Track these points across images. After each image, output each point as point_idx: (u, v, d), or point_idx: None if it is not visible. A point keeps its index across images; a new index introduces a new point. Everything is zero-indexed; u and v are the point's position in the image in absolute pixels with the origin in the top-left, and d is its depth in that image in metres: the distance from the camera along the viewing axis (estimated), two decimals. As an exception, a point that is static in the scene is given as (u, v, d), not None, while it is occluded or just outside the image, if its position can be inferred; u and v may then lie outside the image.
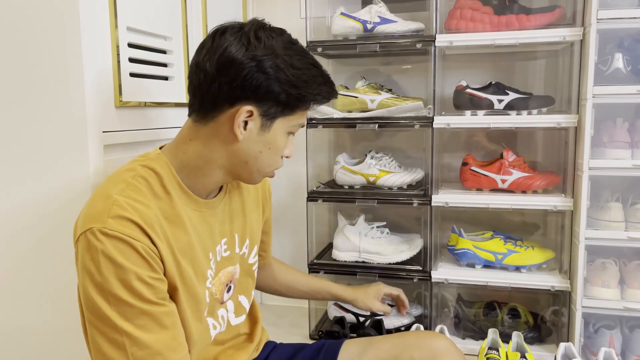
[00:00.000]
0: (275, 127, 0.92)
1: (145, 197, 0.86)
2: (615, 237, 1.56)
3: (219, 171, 0.95)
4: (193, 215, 0.93)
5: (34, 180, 1.13)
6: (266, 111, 0.89)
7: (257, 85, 0.87)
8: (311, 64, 0.92)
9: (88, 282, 0.81)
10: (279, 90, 0.88)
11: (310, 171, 1.88)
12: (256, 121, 0.90)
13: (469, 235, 1.79)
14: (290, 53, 0.90)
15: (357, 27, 1.76)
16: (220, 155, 0.92)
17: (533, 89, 1.78)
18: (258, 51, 0.87)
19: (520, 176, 1.71)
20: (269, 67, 0.87)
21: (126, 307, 0.80)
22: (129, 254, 0.80)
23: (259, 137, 0.91)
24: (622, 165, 1.54)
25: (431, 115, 1.69)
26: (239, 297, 1.08)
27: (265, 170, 0.97)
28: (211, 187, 0.98)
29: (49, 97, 1.09)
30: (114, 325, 0.80)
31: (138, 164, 0.91)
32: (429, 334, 1.16)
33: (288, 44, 0.91)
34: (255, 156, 0.93)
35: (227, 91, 0.88)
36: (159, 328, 0.83)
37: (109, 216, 0.81)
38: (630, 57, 1.55)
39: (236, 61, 0.87)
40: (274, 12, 2.05)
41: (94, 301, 0.80)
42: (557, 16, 1.64)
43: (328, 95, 0.95)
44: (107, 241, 0.79)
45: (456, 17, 1.69)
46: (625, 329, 1.63)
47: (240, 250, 1.07)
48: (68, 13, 1.05)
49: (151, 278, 0.82)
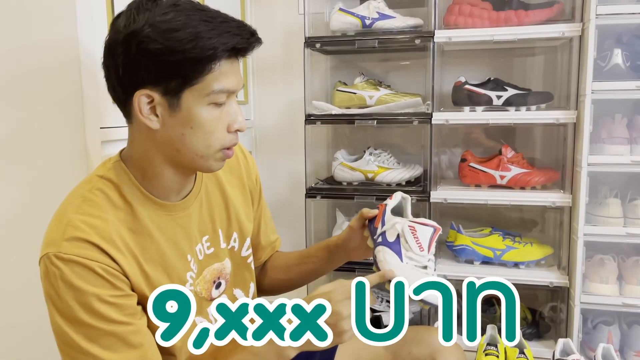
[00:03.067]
0: (187, 103, 0.81)
1: (103, 210, 0.82)
2: (613, 233, 1.56)
3: (166, 167, 0.87)
4: (161, 221, 0.89)
5: (31, 177, 1.12)
6: (166, 89, 0.80)
7: (138, 65, 0.78)
8: (201, 20, 0.79)
9: (51, 308, 0.79)
10: (164, 62, 0.78)
11: (308, 168, 1.87)
12: (162, 103, 0.81)
13: (468, 232, 1.79)
14: (170, 17, 0.78)
15: (355, 23, 1.76)
16: (153, 151, 0.86)
17: (532, 85, 1.78)
18: (132, 27, 0.78)
19: (518, 172, 1.71)
20: (144, 42, 0.77)
21: (90, 330, 0.77)
22: (87, 277, 0.77)
23: (173, 118, 0.82)
24: (620, 161, 1.54)
25: (430, 112, 1.68)
26: (234, 291, 1.06)
27: (207, 152, 0.85)
28: (173, 187, 0.90)
29: (46, 93, 1.09)
30: (80, 349, 0.77)
31: (95, 175, 0.87)
32: (428, 329, 1.16)
33: (170, 7, 0.79)
34: (181, 140, 0.83)
35: (118, 83, 0.82)
36: (126, 347, 0.80)
37: (63, 239, 0.78)
38: (629, 53, 1.55)
39: (113, 47, 0.80)
40: (272, 9, 2.04)
41: (59, 326, 0.78)
42: (555, 12, 1.64)
43: (231, 45, 0.80)
44: (63, 266, 0.76)
45: (455, 13, 1.68)
46: (623, 324, 1.63)
47: (228, 245, 1.03)
48: (65, 8, 1.05)
49: (114, 297, 0.79)
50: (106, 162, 0.90)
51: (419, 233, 0.93)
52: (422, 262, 0.93)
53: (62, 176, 1.10)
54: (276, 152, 2.12)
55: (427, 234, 0.93)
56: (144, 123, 0.82)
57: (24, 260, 1.15)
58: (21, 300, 1.17)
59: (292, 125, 2.09)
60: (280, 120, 2.11)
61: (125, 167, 0.88)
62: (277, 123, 2.12)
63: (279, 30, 2.05)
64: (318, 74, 1.99)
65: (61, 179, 1.10)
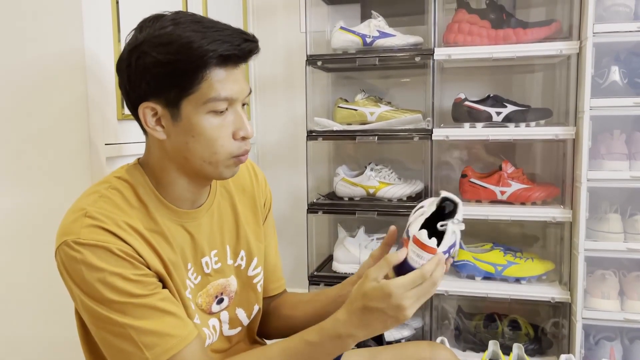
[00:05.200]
0: (186, 112, 0.84)
1: (119, 207, 0.85)
2: (614, 249, 1.56)
3: (179, 175, 0.91)
4: (171, 226, 0.92)
5: (35, 192, 1.13)
6: (167, 100, 0.84)
7: (140, 79, 0.83)
8: (195, 30, 0.81)
9: (78, 293, 0.82)
10: (160, 74, 0.82)
11: (310, 183, 1.88)
12: (164, 115, 0.85)
13: (469, 247, 1.79)
14: (167, 30, 0.81)
15: (356, 41, 1.78)
16: (166, 160, 0.90)
17: (531, 102, 1.80)
18: (135, 43, 0.83)
19: (519, 188, 1.72)
20: (142, 56, 0.81)
21: (120, 305, 0.80)
22: (108, 258, 0.80)
23: (176, 128, 0.85)
24: (620, 177, 1.55)
25: (430, 128, 1.70)
26: (236, 310, 1.05)
27: (215, 159, 0.87)
28: (188, 196, 0.94)
29: (52, 110, 1.11)
30: (116, 322, 0.80)
31: (113, 176, 0.91)
32: (430, 344, 1.15)
33: (169, 21, 0.83)
34: (186, 149, 0.86)
35: (127, 97, 0.87)
36: (160, 314, 0.83)
37: (80, 227, 0.81)
38: (627, 70, 1.57)
39: (119, 64, 0.86)
40: (275, 27, 2.08)
41: (90, 307, 0.81)
42: (553, 30, 1.66)
43: (219, 52, 0.81)
44: (84, 250, 0.79)
45: (454, 31, 1.71)
46: (625, 340, 1.62)
47: (235, 262, 1.04)
48: (72, 28, 1.07)
49: (136, 275, 0.82)
50: (124, 166, 0.94)
51: None
52: None
53: (66, 192, 1.11)
54: (278, 167, 2.14)
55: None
56: (152, 134, 0.87)
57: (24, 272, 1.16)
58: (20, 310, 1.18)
59: (294, 141, 2.11)
60: (282, 136, 2.13)
61: (142, 170, 0.91)
62: (279, 139, 2.13)
63: (281, 48, 2.08)
64: (319, 91, 2.01)
65: (65, 194, 1.11)
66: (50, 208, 1.13)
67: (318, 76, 1.98)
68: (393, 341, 1.74)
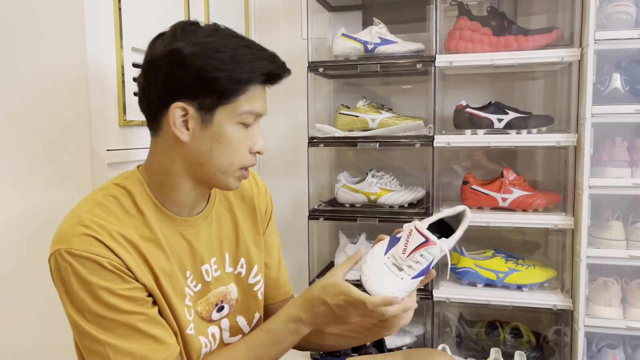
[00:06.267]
0: (218, 119, 0.86)
1: (114, 216, 0.85)
2: (616, 256, 1.56)
3: (185, 181, 0.91)
4: (169, 233, 0.91)
5: (37, 198, 1.14)
6: (201, 104, 0.85)
7: (179, 79, 0.84)
8: (241, 45, 0.86)
9: (65, 301, 0.82)
10: (204, 79, 0.83)
11: (311, 189, 1.88)
12: (195, 117, 0.86)
13: (470, 254, 1.79)
14: (213, 39, 0.85)
15: (358, 48, 1.79)
16: (177, 163, 0.90)
17: (532, 109, 1.80)
18: (176, 45, 0.84)
19: (520, 195, 1.72)
20: (187, 58, 0.83)
21: (103, 320, 0.81)
22: (98, 271, 0.80)
23: (204, 133, 0.86)
24: (621, 184, 1.54)
25: (431, 134, 1.70)
26: (237, 318, 1.05)
27: (229, 169, 0.90)
28: (188, 202, 0.94)
29: (54, 116, 1.11)
30: (95, 339, 0.81)
31: (111, 183, 0.91)
32: (432, 351, 1.15)
33: (212, 31, 0.87)
34: (208, 155, 0.88)
35: (155, 95, 0.87)
36: (139, 336, 0.83)
37: (73, 236, 0.81)
38: (628, 77, 1.57)
39: (155, 61, 0.86)
40: (276, 34, 2.08)
41: (74, 319, 0.82)
42: (555, 37, 1.67)
43: (267, 70, 0.87)
44: (74, 261, 0.80)
45: (456, 38, 1.71)
46: (628, 348, 1.62)
47: (235, 270, 1.04)
48: (75, 34, 1.07)
49: (124, 290, 0.82)
50: (123, 173, 0.94)
51: (412, 238, 0.93)
52: (399, 264, 0.92)
53: (68, 198, 1.11)
54: (279, 174, 2.14)
55: (417, 241, 0.93)
56: (173, 134, 0.87)
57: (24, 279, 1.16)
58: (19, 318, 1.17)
59: (295, 147, 2.11)
60: (284, 142, 2.13)
61: (141, 177, 0.92)
62: (280, 145, 2.14)
63: (283, 55, 2.04)
64: (321, 98, 2.01)
65: (67, 200, 1.11)
66: (52, 214, 1.12)
67: (319, 83, 1.99)
68: (394, 348, 1.73)
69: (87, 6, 1.07)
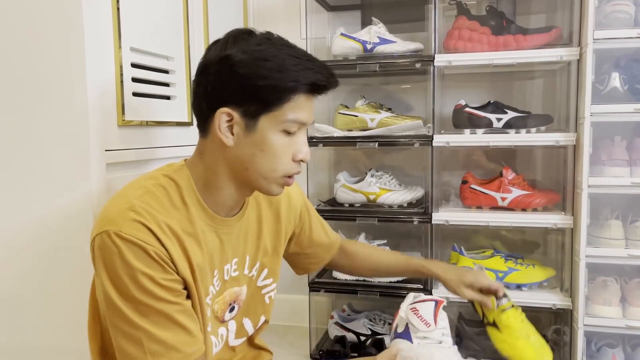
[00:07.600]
0: (262, 126, 0.88)
1: (162, 206, 0.87)
2: (615, 255, 1.56)
3: (229, 183, 0.93)
4: (206, 230, 0.93)
5: (36, 199, 1.13)
6: (246, 111, 0.87)
7: (226, 86, 0.86)
8: (289, 54, 0.88)
9: (105, 281, 0.83)
10: (249, 86, 0.85)
11: (310, 189, 1.88)
12: (239, 123, 0.88)
13: (470, 254, 1.79)
14: (263, 48, 0.87)
15: (357, 48, 1.79)
16: (222, 165, 0.92)
17: (531, 108, 1.80)
18: (227, 51, 0.86)
19: (519, 194, 1.72)
20: (236, 65, 0.85)
21: (141, 306, 0.82)
22: (143, 258, 0.82)
23: (247, 139, 0.88)
24: (621, 183, 1.54)
25: (430, 134, 1.70)
26: (243, 320, 1.06)
27: (272, 176, 0.91)
28: (228, 203, 0.96)
29: (52, 116, 1.11)
30: (131, 322, 0.82)
31: (161, 173, 0.93)
32: (431, 352, 1.15)
33: (263, 39, 0.89)
34: (250, 160, 0.90)
35: (205, 99, 0.89)
36: (173, 325, 0.84)
37: (124, 220, 0.82)
38: (627, 76, 1.57)
39: (206, 67, 0.88)
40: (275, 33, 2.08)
41: (112, 299, 0.82)
42: (554, 36, 1.67)
43: (311, 80, 0.88)
44: (122, 244, 0.81)
45: (454, 38, 1.71)
46: (627, 347, 1.62)
47: (250, 272, 1.05)
48: (73, 34, 1.07)
49: (165, 280, 0.84)
50: (171, 164, 0.95)
51: (422, 311, 0.93)
52: (434, 337, 0.91)
53: (66, 198, 1.11)
54: (278, 174, 2.13)
55: (429, 309, 0.92)
56: (219, 138, 0.88)
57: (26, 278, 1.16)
58: (24, 319, 1.17)
59: (294, 147, 2.11)
60: (283, 142, 2.13)
61: (189, 172, 0.93)
62: (279, 145, 2.13)
63: (282, 55, 2.08)
64: (320, 97, 2.00)
65: (65, 201, 1.11)
66: (51, 214, 1.13)
67: (318, 82, 1.98)
68: (394, 348, 1.73)
69: (86, 6, 1.07)
